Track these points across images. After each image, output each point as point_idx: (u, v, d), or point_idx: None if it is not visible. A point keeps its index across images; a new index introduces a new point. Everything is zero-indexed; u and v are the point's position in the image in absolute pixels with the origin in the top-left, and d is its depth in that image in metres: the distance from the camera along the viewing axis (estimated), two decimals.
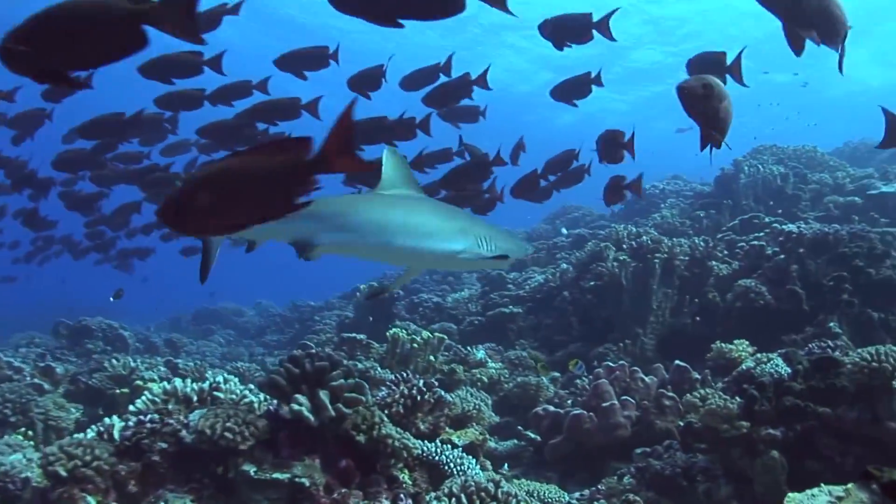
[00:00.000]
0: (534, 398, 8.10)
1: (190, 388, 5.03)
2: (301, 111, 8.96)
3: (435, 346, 8.17)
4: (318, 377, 4.46)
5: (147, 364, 9.41)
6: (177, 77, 8.38)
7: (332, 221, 4.08)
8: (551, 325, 11.03)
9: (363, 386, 4.58)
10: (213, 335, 18.94)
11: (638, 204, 17.90)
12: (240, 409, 4.62)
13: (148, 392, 5.00)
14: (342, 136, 2.72)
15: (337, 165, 2.74)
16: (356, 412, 4.47)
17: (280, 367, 4.65)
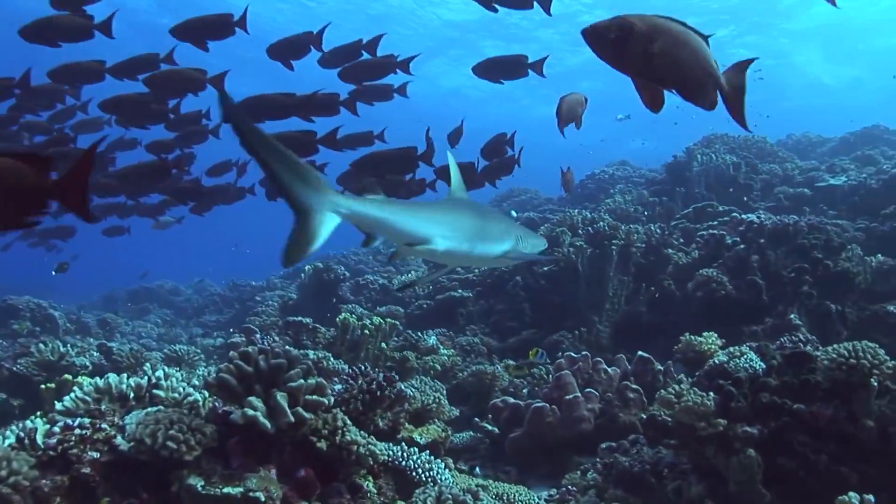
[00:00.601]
0: (489, 387, 7.83)
1: (126, 385, 4.38)
2: (206, 84, 8.30)
3: (386, 333, 7.82)
4: (273, 376, 3.91)
5: (78, 348, 8.84)
6: (64, 41, 7.76)
7: (447, 228, 4.03)
8: (503, 310, 10.77)
9: (324, 387, 4.01)
10: (150, 315, 18.23)
11: (586, 189, 17.83)
12: (184, 412, 4.11)
13: (77, 388, 4.36)
14: (79, 176, 2.98)
15: (66, 202, 2.98)
16: (316, 416, 3.98)
17: (230, 364, 4.02)
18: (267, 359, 3.96)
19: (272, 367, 3.93)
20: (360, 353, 7.50)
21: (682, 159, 14.01)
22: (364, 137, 9.11)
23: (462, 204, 4.51)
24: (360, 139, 9.09)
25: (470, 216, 4.30)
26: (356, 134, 9.11)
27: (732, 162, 12.91)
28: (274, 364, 3.92)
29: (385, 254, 18.91)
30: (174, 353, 10.52)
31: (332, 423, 4.00)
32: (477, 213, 4.44)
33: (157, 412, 3.96)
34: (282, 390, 3.86)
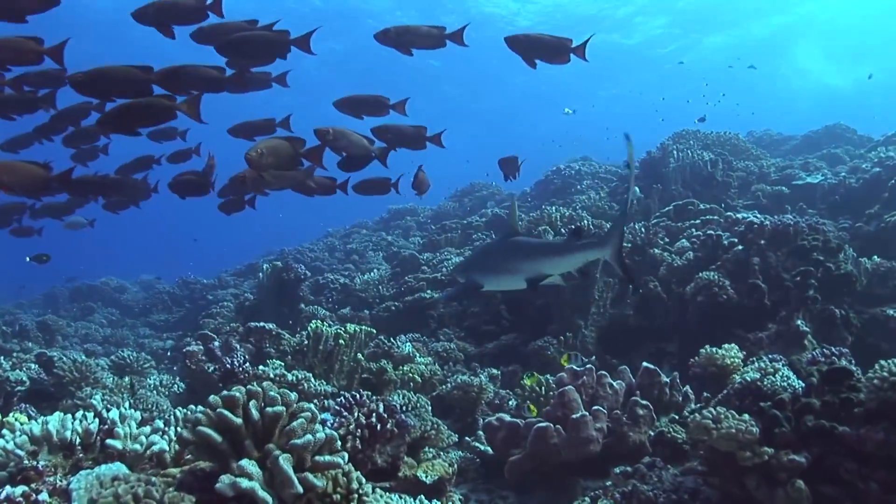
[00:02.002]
0: (475, 400, 7.20)
1: (71, 431, 3.42)
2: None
3: (362, 342, 7.15)
4: (269, 429, 2.97)
5: (13, 360, 7.96)
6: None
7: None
8: (478, 313, 10.17)
9: (334, 440, 3.02)
10: (94, 314, 17.17)
11: (552, 184, 17.34)
12: (151, 479, 3.00)
13: (7, 432, 3.38)
14: None
15: None
16: (327, 476, 3.00)
17: (210, 413, 3.00)
18: (260, 406, 3.02)
19: (268, 417, 2.98)
20: (334, 366, 6.80)
21: (657, 155, 13.58)
22: (267, 125, 8.49)
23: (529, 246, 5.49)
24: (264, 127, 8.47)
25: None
26: (259, 121, 8.50)
27: (710, 159, 12.49)
28: (271, 414, 2.97)
29: (342, 250, 18.20)
30: (122, 360, 9.69)
31: (345, 485, 3.06)
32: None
33: (113, 478, 3.00)
34: (283, 449, 2.90)
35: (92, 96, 6.78)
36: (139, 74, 6.28)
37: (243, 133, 8.50)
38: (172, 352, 13.00)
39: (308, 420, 2.93)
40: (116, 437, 3.47)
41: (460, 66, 40.66)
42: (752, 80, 37.59)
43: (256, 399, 3.00)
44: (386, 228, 19.67)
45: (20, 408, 6.39)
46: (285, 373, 4.69)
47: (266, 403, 3.00)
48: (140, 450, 3.47)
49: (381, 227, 20.12)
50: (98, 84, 6.29)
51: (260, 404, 2.98)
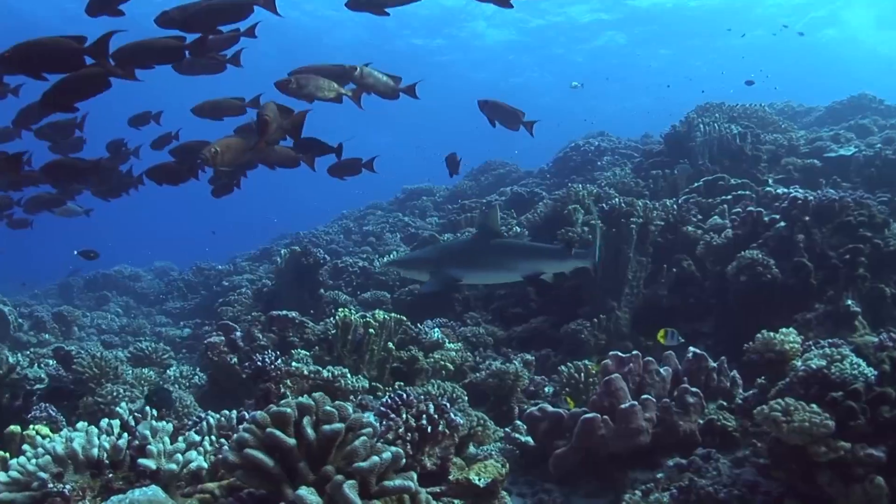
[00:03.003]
0: (511, 388, 6.92)
1: (98, 448, 3.08)
2: None
3: (392, 330, 6.86)
4: (326, 447, 2.56)
5: (30, 356, 7.73)
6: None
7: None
8: (505, 296, 9.87)
9: (400, 458, 2.60)
10: (109, 303, 16.96)
11: (571, 161, 16.98)
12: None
13: (29, 451, 3.03)
14: None
15: None
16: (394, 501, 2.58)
17: (257, 429, 2.61)
18: (314, 422, 2.61)
19: (325, 436, 2.55)
20: (364, 356, 6.52)
21: (682, 129, 13.17)
22: (234, 104, 8.13)
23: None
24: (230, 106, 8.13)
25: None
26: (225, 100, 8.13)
27: (738, 132, 12.09)
28: (328, 433, 2.54)
29: (358, 233, 17.90)
30: (140, 352, 9.47)
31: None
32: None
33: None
34: (344, 473, 2.47)
35: (22, 73, 6.06)
36: (71, 45, 5.70)
37: (209, 113, 8.11)
38: (190, 340, 12.79)
39: (370, 436, 2.57)
40: (150, 456, 3.12)
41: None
42: (796, 47, 36.58)
43: (309, 414, 2.62)
44: (402, 209, 19.34)
45: (40, 408, 6.14)
46: (319, 369, 4.40)
47: (321, 419, 2.62)
48: (176, 469, 3.13)
49: (396, 208, 19.79)
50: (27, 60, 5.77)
51: (314, 419, 2.61)
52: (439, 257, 5.88)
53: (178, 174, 7.86)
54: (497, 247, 5.78)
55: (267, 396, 4.28)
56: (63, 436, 3.11)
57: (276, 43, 30.88)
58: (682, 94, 35.15)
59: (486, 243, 5.77)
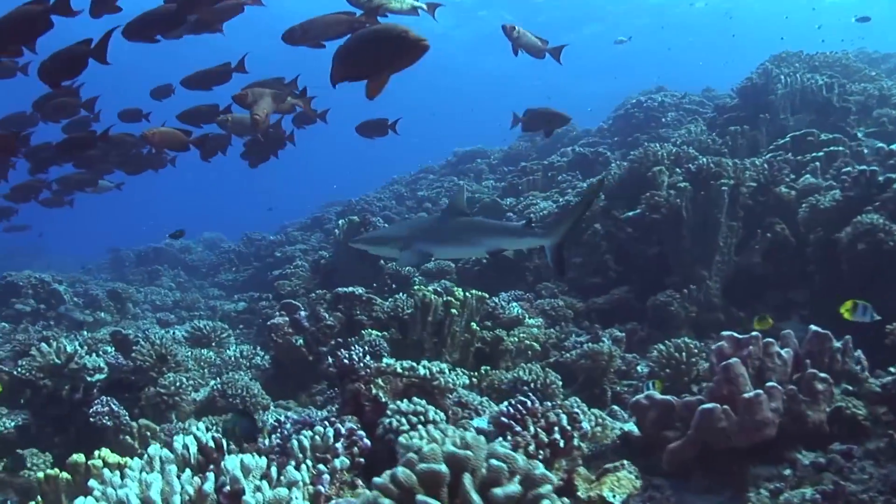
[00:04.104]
0: (604, 370, 6.33)
1: (181, 495, 2.50)
2: None
3: (473, 308, 6.29)
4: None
5: (87, 342, 7.34)
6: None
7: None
8: (581, 264, 9.22)
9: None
10: (161, 277, 16.70)
11: (633, 118, 16.15)
12: None
13: (97, 488, 2.52)
14: None
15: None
16: None
17: (398, 496, 1.85)
18: (479, 483, 1.87)
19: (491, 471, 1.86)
20: (445, 339, 5.97)
21: (759, 82, 12.28)
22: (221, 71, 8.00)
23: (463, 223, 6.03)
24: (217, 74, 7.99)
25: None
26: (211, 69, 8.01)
27: (824, 82, 11.19)
28: (501, 500, 1.81)
29: (412, 198, 17.33)
30: (199, 331, 9.09)
31: None
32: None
33: None
34: None
35: None
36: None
37: (197, 83, 7.95)
38: (246, 314, 12.41)
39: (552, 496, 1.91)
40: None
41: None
42: None
43: (468, 470, 1.90)
44: (454, 172, 18.67)
45: (101, 402, 5.71)
46: (414, 365, 3.84)
47: (488, 480, 1.91)
48: None
49: (449, 172, 19.13)
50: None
51: (477, 480, 1.89)
52: (409, 234, 5.97)
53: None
54: (463, 224, 5.94)
55: (356, 399, 3.74)
56: (135, 477, 2.57)
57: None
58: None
59: (454, 221, 5.94)
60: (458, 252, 6.78)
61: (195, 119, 8.21)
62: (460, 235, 5.94)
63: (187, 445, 2.90)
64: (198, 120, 8.21)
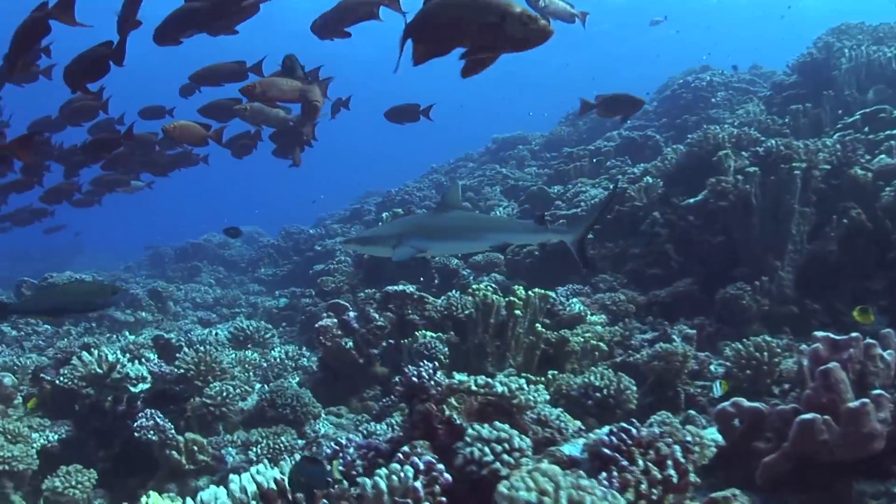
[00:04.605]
0: (678, 371, 5.87)
1: None
2: None
3: (537, 308, 5.86)
4: None
5: (129, 348, 7.06)
6: None
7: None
8: (640, 255, 8.75)
9: None
10: (201, 274, 16.50)
11: (681, 99, 15.55)
12: None
13: None
14: None
15: None
16: None
17: None
18: None
19: None
20: (509, 342, 5.56)
21: (819, 56, 11.64)
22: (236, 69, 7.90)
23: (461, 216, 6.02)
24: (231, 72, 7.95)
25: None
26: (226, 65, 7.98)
27: (893, 55, 10.54)
28: None
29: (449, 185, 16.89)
30: (241, 332, 8.80)
31: None
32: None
33: None
34: None
35: None
36: None
37: (210, 80, 7.97)
38: (288, 310, 12.12)
39: None
40: None
41: None
42: None
43: None
44: (495, 160, 18.19)
45: (146, 415, 5.39)
46: (489, 381, 3.43)
47: None
48: None
49: (489, 159, 18.66)
50: None
51: None
52: (401, 231, 5.84)
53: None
54: (458, 218, 5.96)
55: (427, 421, 3.35)
56: None
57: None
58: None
59: (448, 215, 5.91)
60: (457, 247, 6.72)
61: (217, 113, 8.07)
62: (460, 230, 5.91)
63: (245, 488, 2.53)
64: (220, 114, 8.06)
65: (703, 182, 8.46)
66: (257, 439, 5.51)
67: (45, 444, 5.85)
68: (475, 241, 5.96)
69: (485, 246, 6.19)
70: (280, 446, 5.37)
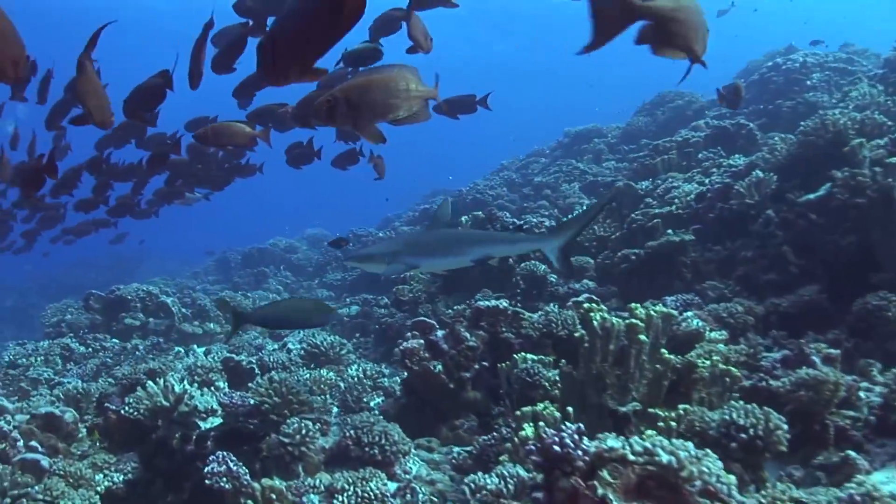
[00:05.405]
0: (827, 402, 5.00)
1: None
2: None
3: (660, 329, 5.03)
4: None
5: (197, 372, 6.47)
6: None
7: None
8: (752, 258, 7.84)
9: None
10: (268, 280, 16.03)
11: (771, 83, 14.44)
12: None
13: None
14: None
15: None
16: None
17: None
18: None
19: None
20: (633, 371, 4.76)
21: None
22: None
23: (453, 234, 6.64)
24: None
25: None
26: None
27: None
28: None
29: (528, 185, 16.10)
30: (315, 348, 8.17)
31: None
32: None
33: None
34: None
35: None
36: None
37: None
38: (360, 318, 11.49)
39: None
40: None
41: None
42: None
43: None
44: (569, 154, 17.27)
45: (217, 458, 4.75)
46: (650, 446, 2.68)
47: None
48: None
49: (562, 154, 17.76)
50: None
51: None
52: (395, 249, 6.02)
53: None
54: (447, 235, 6.23)
55: (574, 501, 2.61)
56: None
57: None
58: None
59: (438, 233, 6.21)
60: (443, 263, 6.72)
61: (264, 118, 7.92)
62: (445, 246, 6.08)
63: None
64: (267, 118, 7.90)
65: (822, 175, 7.53)
66: (343, 486, 4.81)
67: (109, 485, 5.28)
68: (459, 255, 6.06)
69: (467, 261, 6.18)
70: (369, 494, 4.66)
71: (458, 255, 6.06)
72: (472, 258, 5.98)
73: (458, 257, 6.10)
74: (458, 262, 6.69)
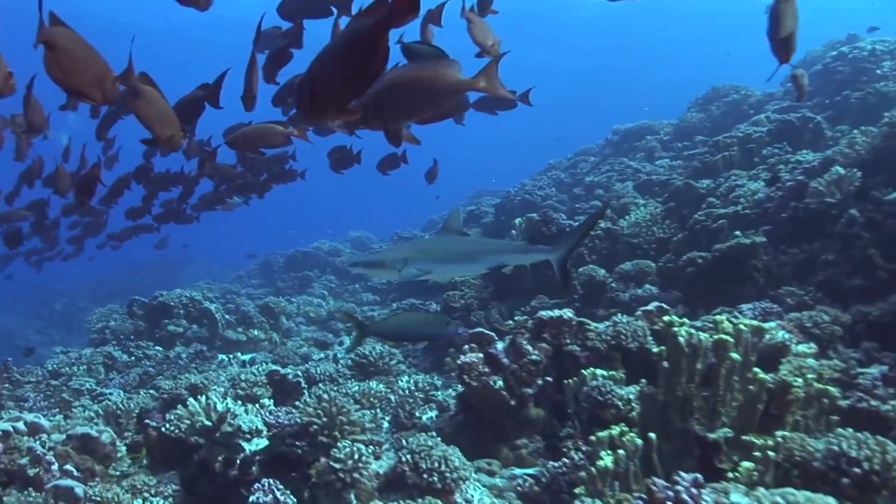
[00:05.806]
0: None
1: None
2: None
3: (749, 346, 4.50)
4: None
5: (241, 386, 6.10)
6: None
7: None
8: (834, 262, 7.25)
9: None
10: (312, 284, 15.71)
11: (836, 73, 13.70)
12: None
13: None
14: None
15: None
16: None
17: None
18: None
19: None
20: (723, 393, 4.24)
21: None
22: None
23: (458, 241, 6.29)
24: None
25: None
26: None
27: None
28: None
29: (579, 185, 15.55)
30: (363, 359, 7.78)
31: None
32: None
33: None
34: None
35: None
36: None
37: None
38: None
39: None
40: None
41: None
42: None
43: None
44: (619, 152, 16.67)
45: (263, 487, 4.35)
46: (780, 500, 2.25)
47: None
48: None
49: (611, 152, 17.16)
50: None
51: None
52: (407, 255, 5.95)
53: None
54: (460, 242, 6.26)
55: None
56: None
57: None
58: None
59: (451, 239, 6.21)
60: (458, 269, 6.87)
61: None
62: (460, 253, 6.10)
63: None
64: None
65: None
66: None
67: None
68: (473, 263, 6.13)
69: (483, 268, 6.33)
70: None
71: (473, 263, 6.13)
72: (487, 266, 6.05)
73: (473, 264, 6.20)
74: (472, 269, 6.87)
